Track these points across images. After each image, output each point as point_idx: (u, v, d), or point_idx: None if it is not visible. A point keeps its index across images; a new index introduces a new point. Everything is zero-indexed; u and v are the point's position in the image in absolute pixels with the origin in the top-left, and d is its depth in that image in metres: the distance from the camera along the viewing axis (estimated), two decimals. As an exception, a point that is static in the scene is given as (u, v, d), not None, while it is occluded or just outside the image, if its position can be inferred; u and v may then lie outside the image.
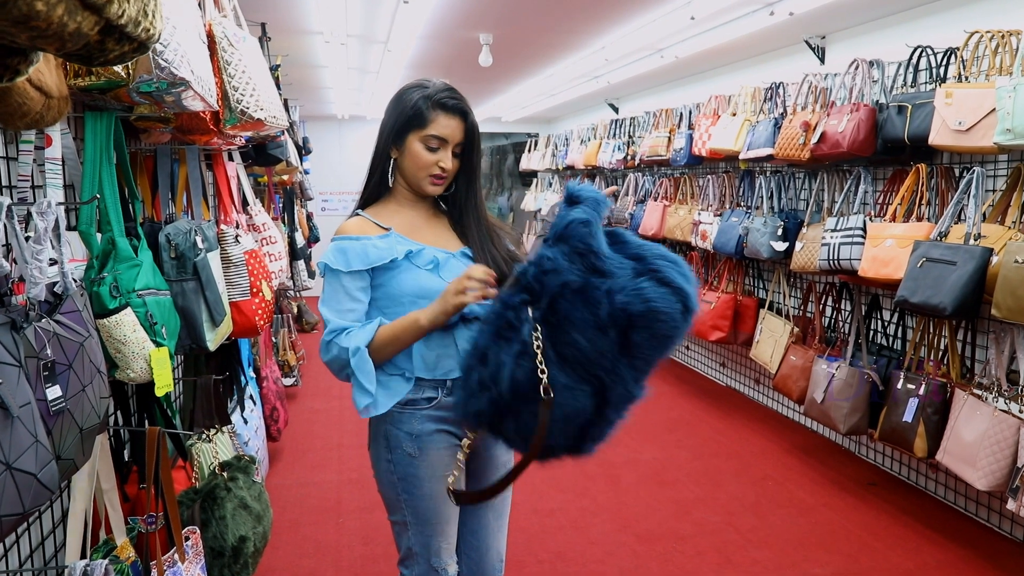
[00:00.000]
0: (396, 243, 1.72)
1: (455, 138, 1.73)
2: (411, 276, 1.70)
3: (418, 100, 1.71)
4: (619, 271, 1.50)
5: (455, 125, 1.73)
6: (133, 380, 1.72)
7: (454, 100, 1.72)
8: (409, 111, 1.72)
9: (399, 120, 1.74)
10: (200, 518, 2.10)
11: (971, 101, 2.88)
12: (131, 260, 1.74)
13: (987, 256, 2.71)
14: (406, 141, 1.73)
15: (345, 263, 1.68)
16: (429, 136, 1.71)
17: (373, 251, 1.69)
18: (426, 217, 1.83)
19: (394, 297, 1.70)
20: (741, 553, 3.07)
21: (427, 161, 1.72)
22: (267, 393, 3.91)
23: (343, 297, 1.69)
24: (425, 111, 1.71)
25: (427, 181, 1.75)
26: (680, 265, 1.55)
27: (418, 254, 1.72)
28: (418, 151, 1.72)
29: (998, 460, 2.75)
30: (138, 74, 1.67)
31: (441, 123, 1.71)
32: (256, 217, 3.31)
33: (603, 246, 1.51)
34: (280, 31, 4.47)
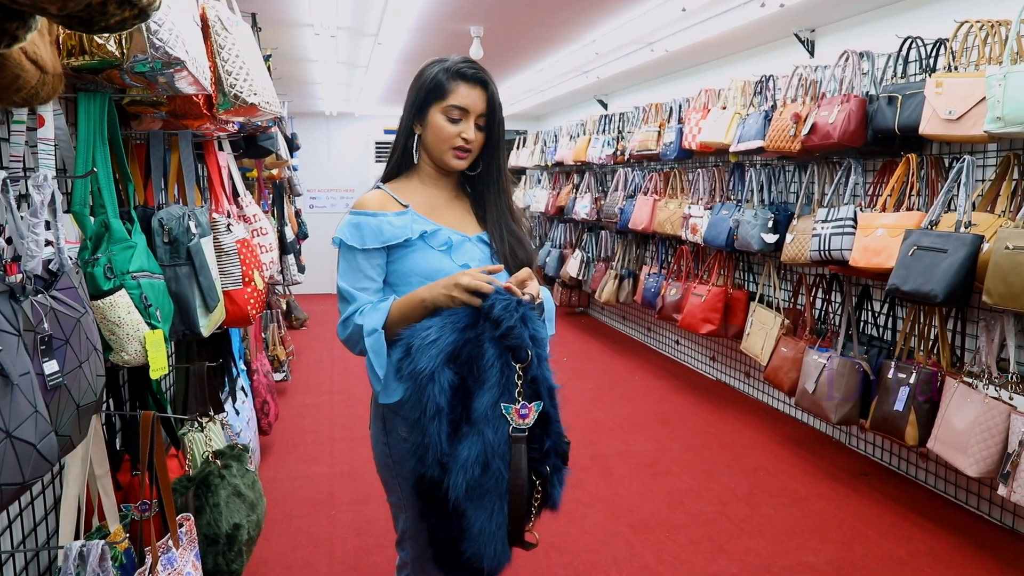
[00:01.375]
0: (412, 222, 1.70)
1: (477, 108, 1.71)
2: (423, 256, 1.69)
3: (438, 72, 1.70)
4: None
5: (476, 95, 1.71)
6: (128, 363, 1.70)
7: (473, 70, 1.71)
8: (429, 84, 1.70)
9: (420, 94, 1.72)
10: (194, 505, 2.09)
11: (961, 90, 2.90)
12: (125, 241, 1.72)
13: (978, 243, 2.72)
14: (428, 114, 1.72)
15: (360, 240, 1.66)
16: (450, 107, 1.69)
17: (388, 229, 1.67)
18: (448, 198, 1.81)
19: (404, 275, 1.69)
20: (734, 542, 3.08)
21: (449, 133, 1.70)
22: (258, 386, 3.89)
23: (359, 274, 1.68)
24: (445, 82, 1.69)
25: (451, 154, 1.72)
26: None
27: (433, 235, 1.70)
28: (440, 123, 1.70)
29: (989, 447, 2.77)
30: (132, 53, 1.65)
31: (462, 93, 1.69)
32: (247, 208, 3.28)
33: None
34: (270, 23, 4.45)
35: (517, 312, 1.47)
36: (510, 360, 1.48)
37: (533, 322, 1.51)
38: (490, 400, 1.46)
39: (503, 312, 1.46)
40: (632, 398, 5.14)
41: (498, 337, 1.47)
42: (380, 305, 1.64)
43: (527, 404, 1.49)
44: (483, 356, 1.48)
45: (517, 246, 1.79)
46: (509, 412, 1.48)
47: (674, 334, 6.28)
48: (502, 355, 1.48)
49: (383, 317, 1.62)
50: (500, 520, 1.48)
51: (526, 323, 1.49)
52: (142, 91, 2.03)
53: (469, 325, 1.51)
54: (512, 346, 1.47)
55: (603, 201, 6.61)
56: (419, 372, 1.47)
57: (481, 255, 1.75)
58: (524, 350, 1.47)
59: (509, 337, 1.47)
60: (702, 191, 5.03)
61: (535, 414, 1.50)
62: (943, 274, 2.77)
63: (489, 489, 1.46)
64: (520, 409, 1.48)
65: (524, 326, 1.48)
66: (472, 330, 1.50)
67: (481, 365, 1.48)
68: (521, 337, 1.47)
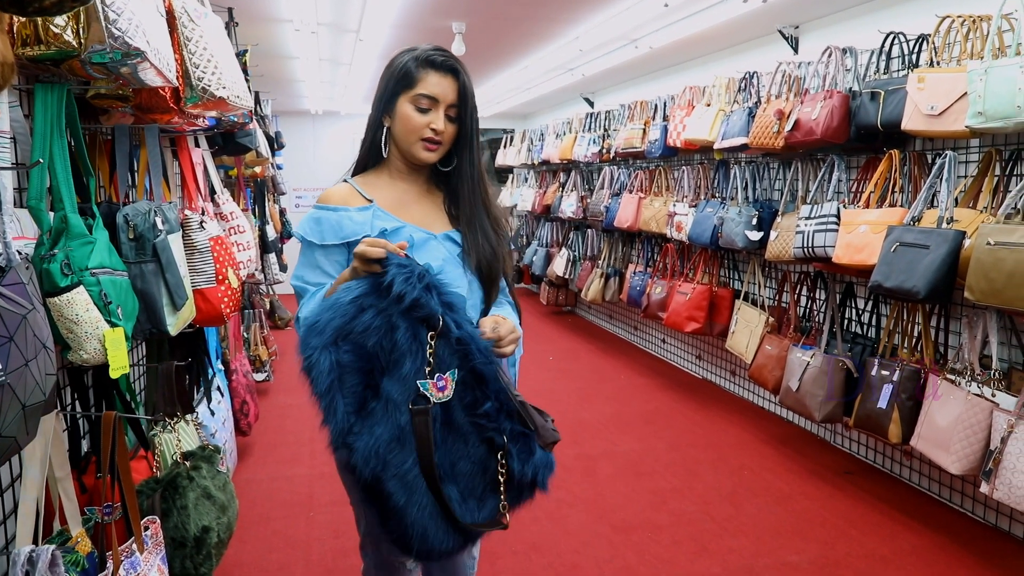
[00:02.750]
0: (374, 218, 1.63)
1: (447, 97, 1.64)
2: None
3: (407, 61, 1.64)
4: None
5: (447, 84, 1.64)
6: (87, 362, 1.65)
7: (443, 57, 1.65)
8: (398, 73, 1.64)
9: (388, 84, 1.66)
10: (160, 507, 2.04)
11: (943, 86, 2.88)
12: (85, 237, 1.67)
13: (960, 239, 2.70)
14: (396, 105, 1.65)
15: (319, 236, 1.61)
16: (419, 96, 1.62)
17: (348, 224, 1.61)
18: (418, 193, 1.74)
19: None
20: (717, 542, 3.05)
21: (417, 123, 1.63)
22: (236, 387, 3.84)
23: (315, 270, 1.63)
24: (413, 70, 1.63)
25: (419, 146, 1.65)
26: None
27: (394, 232, 1.63)
28: (408, 113, 1.63)
29: (971, 444, 2.75)
30: (90, 43, 1.61)
31: (431, 81, 1.63)
32: (224, 206, 3.24)
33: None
34: (248, 18, 4.39)
35: (420, 282, 1.41)
36: (422, 332, 1.42)
37: (442, 288, 1.46)
38: (403, 375, 1.41)
39: (404, 285, 1.40)
40: (618, 397, 5.11)
41: (406, 311, 1.41)
42: (317, 294, 1.58)
43: (442, 375, 1.43)
44: (394, 332, 1.42)
45: (489, 248, 1.71)
46: (427, 388, 1.42)
47: (660, 333, 6.25)
48: (412, 328, 1.42)
49: (316, 303, 1.54)
50: (425, 501, 1.42)
51: (432, 290, 1.43)
52: (107, 83, 1.99)
53: (364, 295, 1.43)
54: (423, 317, 1.42)
55: (589, 199, 6.59)
56: (305, 353, 1.42)
57: (447, 254, 1.67)
58: (435, 318, 1.42)
59: (416, 309, 1.41)
60: (687, 189, 5.00)
61: (452, 384, 1.44)
62: (925, 270, 2.75)
63: (410, 468, 1.41)
64: (437, 382, 1.43)
65: (430, 293, 1.42)
66: (373, 301, 1.42)
67: (394, 341, 1.41)
68: (428, 306, 1.41)
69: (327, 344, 1.39)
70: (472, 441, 1.47)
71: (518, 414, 1.49)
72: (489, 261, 1.70)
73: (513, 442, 1.48)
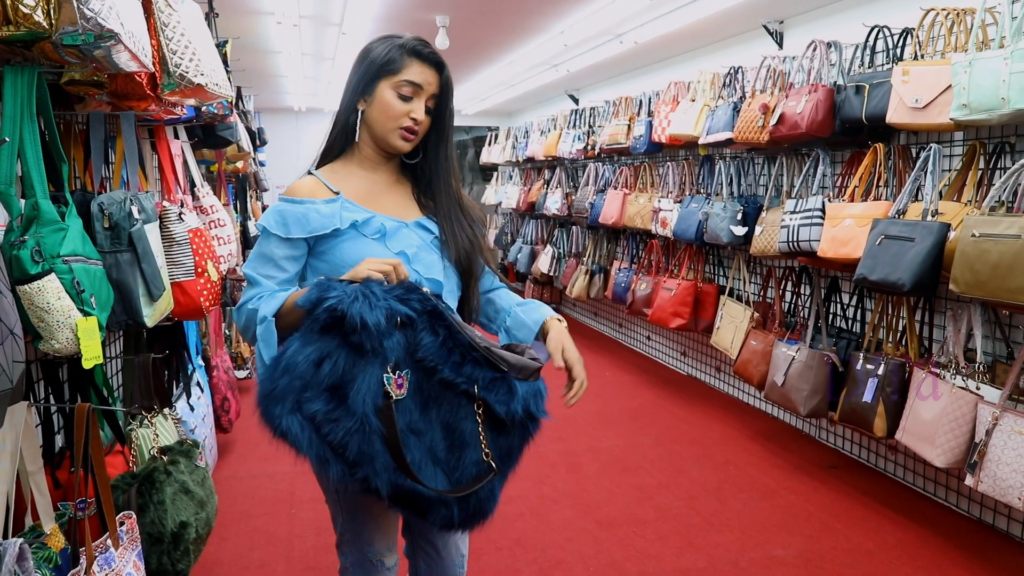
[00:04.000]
0: (342, 210, 1.59)
1: (430, 88, 1.61)
2: (354, 245, 1.57)
3: (391, 47, 1.60)
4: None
5: (431, 74, 1.61)
6: (59, 352, 1.61)
7: (429, 50, 1.62)
8: (382, 58, 1.60)
9: (370, 68, 1.61)
10: (137, 503, 1.99)
11: (927, 78, 2.88)
12: (56, 224, 1.63)
13: (944, 231, 2.70)
14: (376, 89, 1.60)
15: (284, 229, 1.57)
16: (402, 82, 1.59)
17: (315, 218, 1.56)
18: (386, 184, 1.70)
19: (336, 266, 1.57)
20: (703, 536, 3.03)
21: (398, 111, 1.59)
22: (217, 383, 3.78)
23: (268, 262, 1.58)
24: (398, 57, 1.59)
25: (396, 134, 1.61)
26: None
27: (365, 224, 1.59)
28: (389, 99, 1.59)
29: (956, 437, 2.75)
30: (61, 24, 1.56)
31: (416, 70, 1.59)
32: (203, 199, 3.19)
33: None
34: (229, 10, 4.34)
35: (376, 299, 1.38)
36: (390, 339, 1.40)
37: (393, 289, 1.43)
38: (369, 376, 1.38)
39: (365, 310, 1.36)
40: (603, 394, 5.09)
41: (371, 334, 1.37)
42: (278, 294, 1.53)
43: (400, 373, 1.41)
44: (360, 356, 1.38)
45: (467, 239, 1.69)
46: (389, 383, 1.39)
47: (645, 329, 6.24)
48: (379, 340, 1.38)
49: (277, 305, 1.50)
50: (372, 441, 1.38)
51: (384, 295, 1.40)
52: (81, 68, 1.94)
53: (319, 346, 1.37)
54: (395, 323, 1.40)
55: (574, 196, 6.57)
56: (271, 424, 1.37)
57: (420, 241, 1.63)
58: (398, 316, 1.40)
59: (380, 329, 1.38)
60: (672, 184, 4.99)
61: (407, 382, 1.41)
62: (910, 263, 2.74)
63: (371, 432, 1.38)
64: (397, 379, 1.40)
65: (381, 301, 1.39)
66: (330, 347, 1.37)
67: (362, 362, 1.38)
68: (397, 312, 1.39)
69: (291, 410, 1.36)
70: (451, 405, 1.45)
71: (485, 360, 1.46)
72: (468, 251, 1.68)
73: (488, 390, 1.45)
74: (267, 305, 1.51)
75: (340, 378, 1.36)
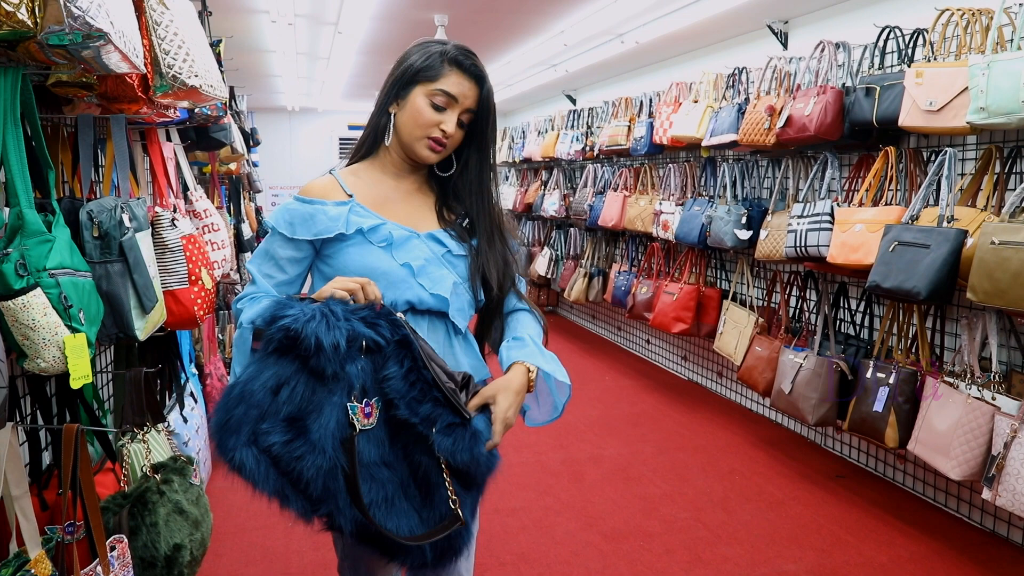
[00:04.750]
0: (351, 214, 1.50)
1: (466, 102, 1.52)
2: (359, 252, 1.49)
3: (432, 54, 1.52)
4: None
5: (468, 87, 1.52)
6: (45, 371, 1.52)
7: (471, 61, 1.53)
8: (420, 63, 1.51)
9: (407, 72, 1.52)
10: (128, 525, 1.90)
11: (942, 80, 2.80)
12: (42, 235, 1.54)
13: (962, 238, 2.63)
14: (410, 94, 1.52)
15: (289, 228, 1.49)
16: (437, 91, 1.50)
17: (322, 220, 1.48)
18: (407, 191, 1.61)
19: (338, 273, 1.49)
20: (711, 550, 2.96)
21: (429, 119, 1.50)
22: (211, 391, 3.69)
23: (269, 261, 1.51)
24: (437, 65, 1.51)
25: (423, 143, 1.52)
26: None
27: (372, 230, 1.50)
28: (421, 106, 1.50)
29: (972, 449, 2.68)
30: (47, 23, 1.47)
31: (453, 80, 1.50)
32: (197, 203, 3.09)
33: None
34: (223, 8, 4.24)
35: (336, 319, 1.29)
36: (352, 365, 1.30)
37: (360, 309, 1.34)
38: (332, 404, 1.29)
39: (323, 332, 1.27)
40: (603, 400, 5.01)
41: (330, 358, 1.28)
42: (264, 300, 1.44)
43: (369, 401, 1.31)
44: (320, 382, 1.29)
45: (503, 263, 1.61)
46: (355, 413, 1.29)
47: (645, 333, 6.17)
48: (340, 365, 1.29)
49: (258, 313, 1.40)
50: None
51: (348, 317, 1.31)
52: (68, 69, 1.85)
53: (275, 371, 1.28)
54: (355, 349, 1.31)
55: (572, 198, 6.49)
56: (225, 457, 1.27)
57: (429, 253, 1.53)
58: (360, 339, 1.31)
59: (342, 351, 1.29)
60: (673, 187, 4.91)
61: (377, 411, 1.32)
62: (926, 270, 2.67)
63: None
64: (364, 407, 1.31)
65: (348, 323, 1.30)
66: (288, 372, 1.28)
67: (321, 389, 1.30)
68: (360, 336, 1.30)
69: (246, 442, 1.25)
70: (415, 440, 1.34)
71: (447, 401, 1.35)
72: (500, 276, 1.59)
73: (445, 435, 1.34)
74: (249, 310, 1.43)
75: (300, 407, 1.27)
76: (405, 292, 1.48)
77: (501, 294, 1.62)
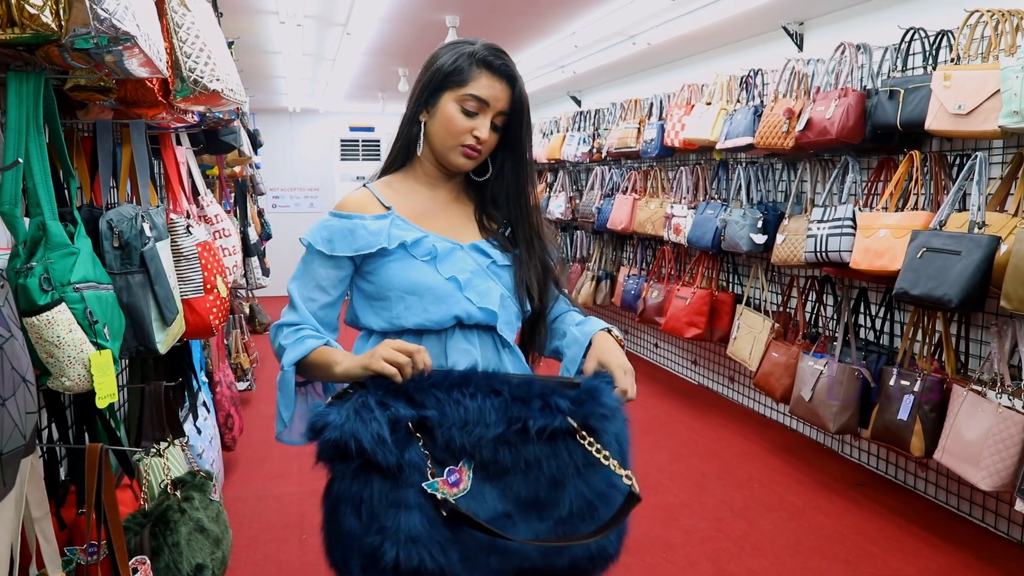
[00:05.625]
0: (392, 228, 1.44)
1: (498, 104, 1.45)
2: (402, 267, 1.43)
3: (460, 56, 1.45)
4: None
5: (500, 88, 1.45)
6: (69, 389, 1.45)
7: (501, 61, 1.45)
8: (449, 67, 1.45)
9: (435, 77, 1.46)
10: (151, 545, 1.84)
11: (972, 83, 2.75)
12: (66, 247, 1.47)
13: (995, 245, 2.57)
14: (439, 101, 1.45)
15: (328, 246, 1.42)
16: (467, 96, 1.43)
17: (362, 235, 1.42)
18: (445, 201, 1.55)
19: (381, 290, 1.43)
20: (735, 562, 2.90)
21: (461, 127, 1.44)
22: (221, 399, 3.62)
23: (311, 283, 1.44)
24: (466, 68, 1.43)
25: (457, 151, 1.46)
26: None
27: (415, 244, 1.44)
28: (452, 113, 1.44)
29: (1003, 459, 2.62)
30: (72, 26, 1.40)
31: (483, 83, 1.43)
32: (208, 208, 3.03)
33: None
34: (232, 9, 4.17)
35: (376, 411, 1.22)
36: (410, 450, 1.25)
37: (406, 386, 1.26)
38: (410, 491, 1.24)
39: (368, 438, 1.21)
40: (613, 404, 4.94)
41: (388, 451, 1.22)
42: (307, 340, 1.38)
43: (453, 468, 1.25)
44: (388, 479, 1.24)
45: (542, 269, 1.55)
46: (436, 488, 1.23)
47: (653, 336, 6.11)
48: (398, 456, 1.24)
49: (301, 355, 1.36)
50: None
51: (388, 404, 1.24)
52: (86, 74, 1.79)
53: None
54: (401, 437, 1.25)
55: (578, 200, 6.42)
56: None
57: (475, 265, 1.48)
58: (406, 422, 1.25)
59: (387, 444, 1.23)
60: (685, 190, 4.85)
61: (468, 474, 1.25)
62: (957, 278, 2.62)
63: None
64: (448, 478, 1.24)
65: (389, 409, 1.23)
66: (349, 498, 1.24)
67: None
68: (402, 420, 1.24)
69: (362, 572, 1.22)
70: (542, 462, 1.28)
71: (557, 382, 1.30)
72: (540, 283, 1.54)
73: (578, 405, 1.28)
74: (292, 351, 1.37)
75: (386, 506, 1.22)
76: (453, 307, 1.42)
77: (541, 305, 1.57)
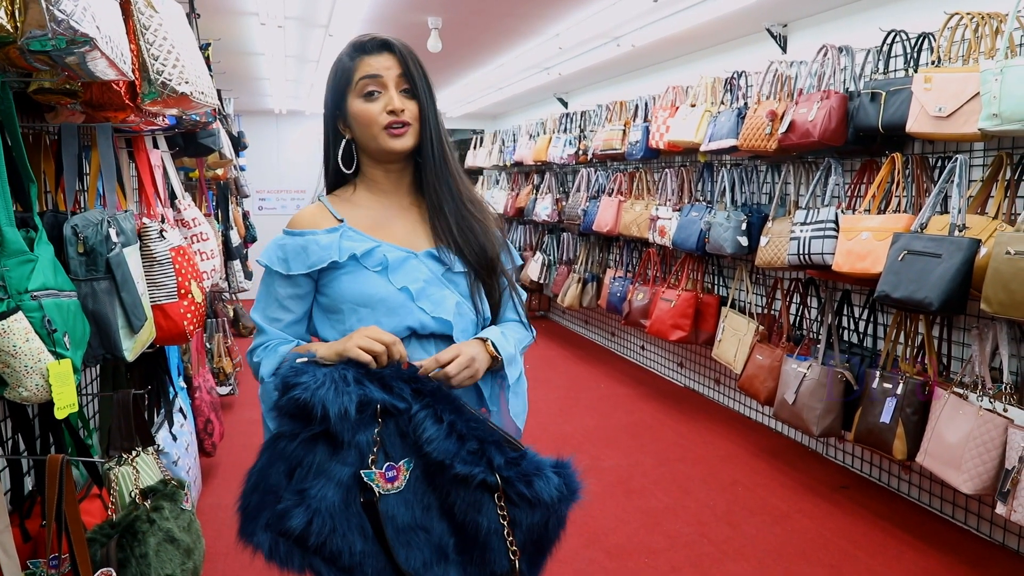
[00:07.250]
0: (343, 240, 1.42)
1: (391, 72, 1.43)
2: (353, 279, 1.40)
3: (338, 62, 1.48)
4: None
5: (384, 58, 1.44)
6: (27, 400, 1.42)
7: (369, 38, 1.46)
8: (337, 77, 1.47)
9: (335, 91, 1.47)
10: (117, 557, 1.80)
11: (952, 86, 2.74)
12: (23, 255, 1.44)
13: (975, 248, 2.56)
14: (347, 107, 1.45)
15: (284, 265, 1.41)
16: (360, 82, 1.43)
17: (314, 250, 1.40)
18: (399, 208, 1.51)
19: (335, 303, 1.42)
20: (718, 567, 2.88)
21: (372, 110, 1.42)
22: (200, 404, 3.58)
23: (273, 303, 1.44)
24: (347, 65, 1.45)
25: (384, 135, 1.42)
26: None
27: (366, 255, 1.41)
28: (360, 106, 1.43)
29: (984, 462, 2.61)
30: (28, 28, 1.37)
31: (366, 63, 1.43)
32: (185, 212, 2.99)
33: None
34: (211, 11, 4.13)
35: (347, 384, 1.26)
36: (365, 431, 1.28)
37: (380, 372, 1.30)
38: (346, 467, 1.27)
39: (336, 398, 1.24)
40: (599, 408, 4.93)
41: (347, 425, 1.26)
42: (280, 348, 1.41)
43: (393, 464, 1.27)
44: (338, 449, 1.28)
45: (472, 235, 1.48)
46: (372, 479, 1.25)
47: (639, 339, 6.10)
48: (353, 431, 1.28)
49: (277, 362, 1.38)
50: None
51: (365, 381, 1.28)
52: (51, 76, 1.75)
53: (294, 456, 1.29)
54: (368, 415, 1.28)
55: (564, 202, 6.40)
56: (248, 542, 1.30)
57: (429, 274, 1.44)
58: (374, 404, 1.28)
59: (352, 418, 1.26)
60: (670, 192, 4.84)
61: (405, 474, 1.27)
62: (938, 280, 2.60)
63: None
64: (385, 472, 1.26)
65: (364, 386, 1.27)
66: (303, 452, 1.28)
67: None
68: (372, 400, 1.27)
69: (263, 527, 1.26)
70: (464, 500, 1.28)
71: (505, 440, 1.30)
72: (476, 250, 1.48)
73: (508, 468, 1.28)
74: (267, 363, 1.39)
75: (316, 475, 1.26)
76: (405, 318, 1.39)
77: (487, 267, 1.50)
